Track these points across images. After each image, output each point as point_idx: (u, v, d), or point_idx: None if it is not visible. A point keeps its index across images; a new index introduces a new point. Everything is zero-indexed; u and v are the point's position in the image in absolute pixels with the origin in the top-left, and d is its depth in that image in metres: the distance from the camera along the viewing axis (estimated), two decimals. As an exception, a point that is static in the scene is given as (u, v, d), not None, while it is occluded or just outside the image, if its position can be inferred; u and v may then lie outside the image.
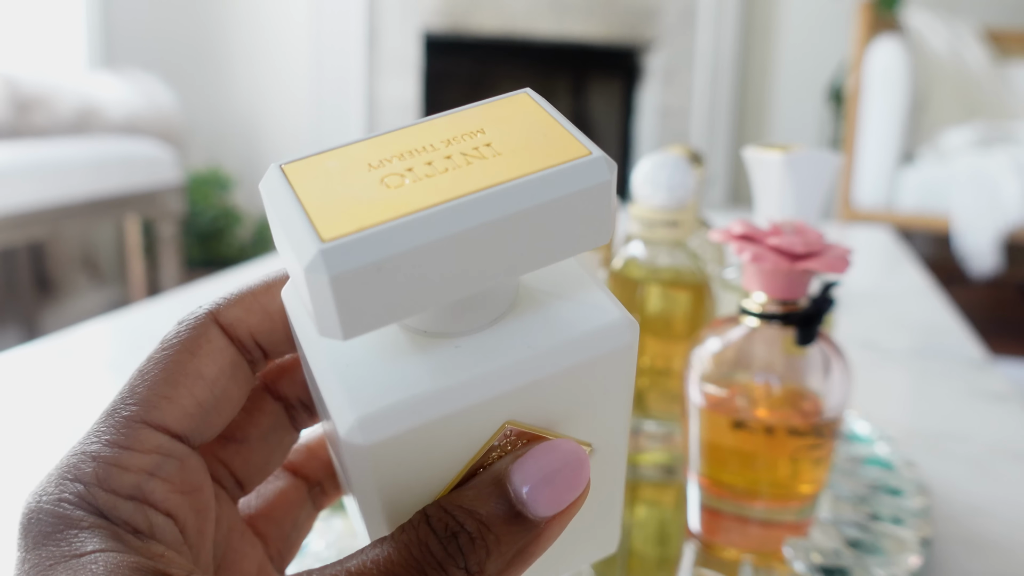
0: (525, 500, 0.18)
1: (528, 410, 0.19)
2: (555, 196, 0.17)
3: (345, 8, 2.76)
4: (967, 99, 2.36)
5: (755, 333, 0.38)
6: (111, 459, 0.19)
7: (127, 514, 0.18)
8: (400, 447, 0.18)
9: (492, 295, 0.19)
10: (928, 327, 0.88)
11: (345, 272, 0.15)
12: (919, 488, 0.47)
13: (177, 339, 0.21)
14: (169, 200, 2.14)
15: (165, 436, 0.20)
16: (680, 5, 2.79)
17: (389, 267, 0.16)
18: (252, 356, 0.22)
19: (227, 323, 0.21)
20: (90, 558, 0.17)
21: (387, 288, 0.16)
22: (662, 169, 0.44)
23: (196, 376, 0.20)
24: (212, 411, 0.20)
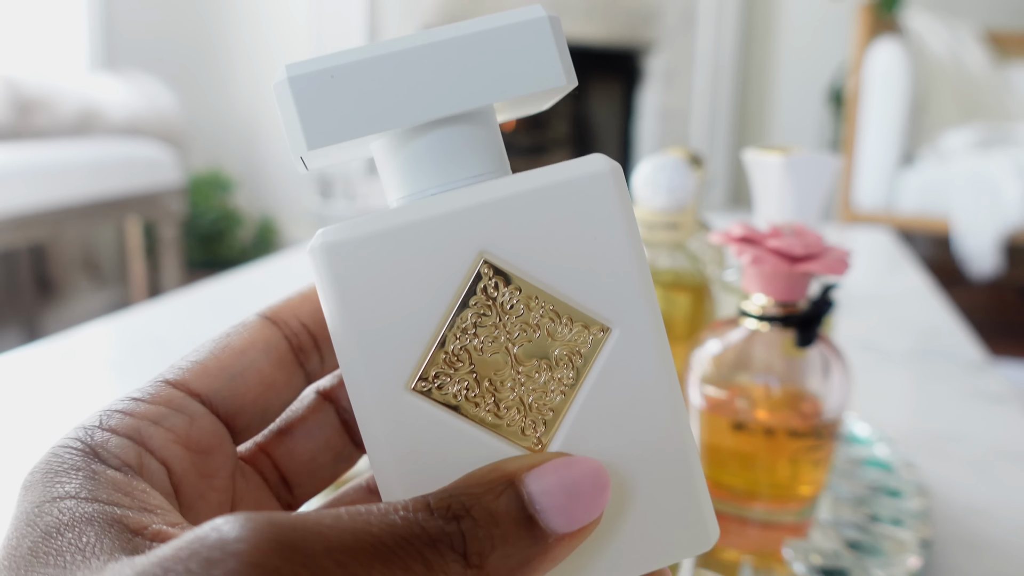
0: (539, 507, 0.17)
1: (505, 242, 0.18)
2: (490, 27, 0.19)
3: (345, 9, 2.76)
4: (967, 101, 2.36)
5: (755, 335, 0.38)
6: (121, 408, 0.19)
7: (117, 448, 0.18)
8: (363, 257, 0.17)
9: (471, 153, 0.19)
10: (928, 329, 0.88)
11: (301, 75, 0.18)
12: (919, 489, 0.47)
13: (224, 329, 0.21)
14: (170, 201, 2.15)
15: (180, 392, 0.20)
16: (680, 7, 2.79)
17: (341, 74, 0.18)
18: (300, 341, 0.22)
19: (271, 311, 0.22)
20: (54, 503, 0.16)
21: (343, 98, 0.18)
22: (662, 171, 0.45)
23: (225, 345, 0.21)
24: (237, 377, 0.20)
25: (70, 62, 2.46)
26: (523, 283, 0.18)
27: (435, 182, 0.19)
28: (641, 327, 0.19)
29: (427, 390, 0.18)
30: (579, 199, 0.18)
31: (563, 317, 0.18)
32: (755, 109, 2.91)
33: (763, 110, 2.91)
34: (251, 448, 0.22)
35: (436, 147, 0.19)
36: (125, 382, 0.66)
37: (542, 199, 0.18)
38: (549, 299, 0.18)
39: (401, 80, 0.18)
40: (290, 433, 0.22)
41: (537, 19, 0.19)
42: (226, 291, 0.94)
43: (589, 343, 0.19)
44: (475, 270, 0.18)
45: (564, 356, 0.19)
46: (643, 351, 0.19)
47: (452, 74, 0.18)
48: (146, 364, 0.69)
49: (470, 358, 0.18)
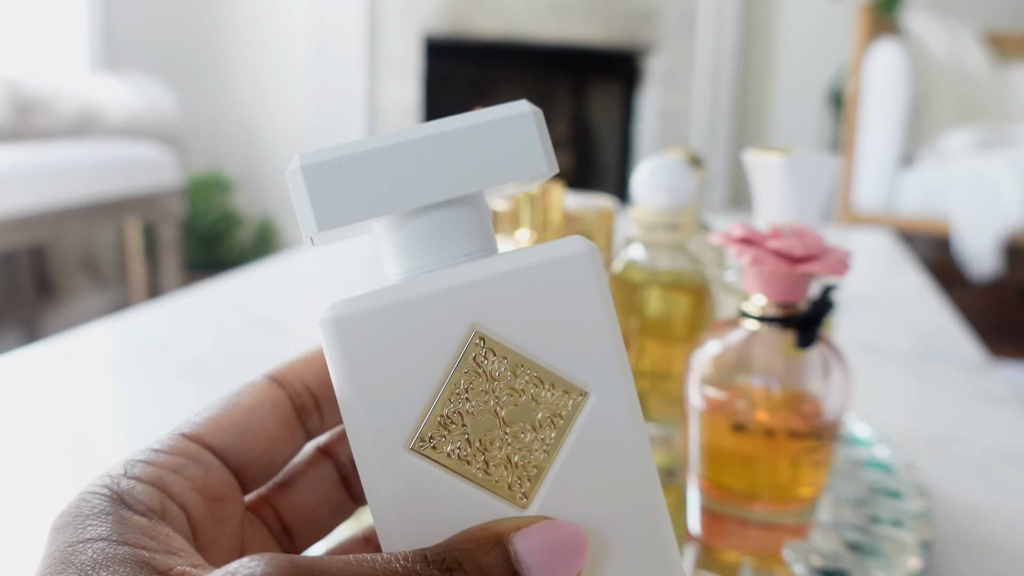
0: (524, 564, 0.19)
1: (494, 315, 0.20)
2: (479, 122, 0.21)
3: (346, 11, 2.76)
4: (967, 102, 2.36)
5: (755, 336, 0.38)
6: (141, 457, 0.21)
7: (142, 495, 0.20)
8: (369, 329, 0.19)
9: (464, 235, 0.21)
10: (928, 330, 0.88)
11: (313, 164, 0.20)
12: (919, 491, 0.47)
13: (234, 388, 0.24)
14: (170, 203, 2.15)
15: (196, 445, 0.22)
16: (680, 8, 2.80)
17: (349, 164, 0.20)
18: (302, 401, 0.24)
19: (277, 372, 0.24)
20: (87, 544, 0.18)
21: (351, 185, 0.20)
22: (662, 172, 0.45)
23: (235, 403, 0.23)
24: (247, 433, 0.23)
25: (70, 63, 2.46)
26: (510, 352, 0.20)
27: (431, 260, 0.21)
28: (615, 392, 0.21)
29: (424, 450, 0.20)
30: (560, 277, 0.21)
31: (546, 383, 0.21)
32: (755, 110, 2.91)
33: (763, 111, 2.91)
34: (256, 499, 0.24)
35: (431, 228, 0.21)
36: (125, 383, 0.66)
37: (527, 277, 0.20)
38: (533, 367, 0.21)
39: (401, 169, 0.20)
40: (292, 486, 0.25)
41: (522, 114, 0.21)
42: (226, 292, 0.94)
43: (569, 407, 0.21)
44: (467, 341, 0.20)
45: (547, 418, 0.21)
46: (617, 414, 0.21)
47: (446, 164, 0.21)
48: (146, 365, 0.69)
49: (463, 420, 0.20)
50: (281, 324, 0.81)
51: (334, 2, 2.76)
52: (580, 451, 0.21)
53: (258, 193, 2.94)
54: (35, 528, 0.44)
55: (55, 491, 0.48)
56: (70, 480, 0.50)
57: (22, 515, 0.46)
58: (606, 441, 0.21)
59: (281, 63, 2.83)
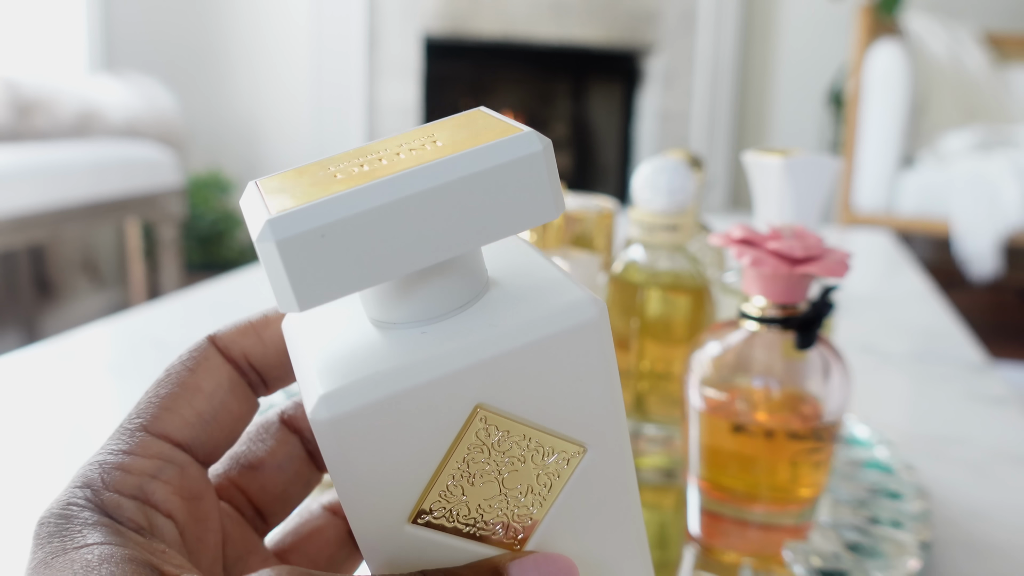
0: None
1: (498, 392, 0.19)
2: (484, 167, 0.18)
3: (345, 11, 2.76)
4: (967, 103, 2.36)
5: (755, 337, 0.38)
6: (116, 464, 0.20)
7: (130, 512, 0.19)
8: (367, 424, 0.18)
9: (455, 283, 0.20)
10: (928, 331, 0.88)
11: (290, 237, 0.17)
12: (918, 492, 0.47)
13: (179, 362, 0.22)
14: (169, 203, 2.15)
15: (167, 444, 0.21)
16: (680, 9, 2.80)
17: (332, 233, 0.17)
18: (249, 378, 0.23)
19: (223, 345, 0.23)
20: (87, 550, 0.18)
21: (335, 256, 0.17)
22: (662, 173, 0.45)
23: (195, 389, 0.22)
24: (212, 422, 0.22)
25: (70, 63, 2.46)
26: (513, 425, 0.19)
27: (422, 314, 0.19)
28: (611, 446, 0.21)
29: (425, 521, 0.20)
30: (569, 348, 0.19)
31: (546, 447, 0.20)
32: (755, 111, 2.91)
33: (763, 112, 2.91)
34: (224, 482, 0.24)
35: (425, 284, 0.19)
36: (124, 384, 0.66)
37: (534, 353, 0.19)
38: (536, 435, 0.20)
39: (394, 232, 0.17)
40: (262, 468, 0.24)
41: (532, 155, 0.18)
42: (225, 293, 0.94)
43: (568, 462, 0.20)
44: (472, 421, 0.19)
45: (545, 477, 0.20)
46: (611, 464, 0.21)
47: (446, 221, 0.18)
48: (145, 366, 0.69)
49: (463, 491, 0.20)
50: (281, 325, 0.81)
51: (334, 2, 2.76)
52: (573, 500, 0.21)
53: (258, 193, 2.94)
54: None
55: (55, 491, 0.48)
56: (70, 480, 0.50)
57: (22, 515, 0.46)
58: (598, 489, 0.21)
59: (281, 63, 2.83)
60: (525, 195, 0.18)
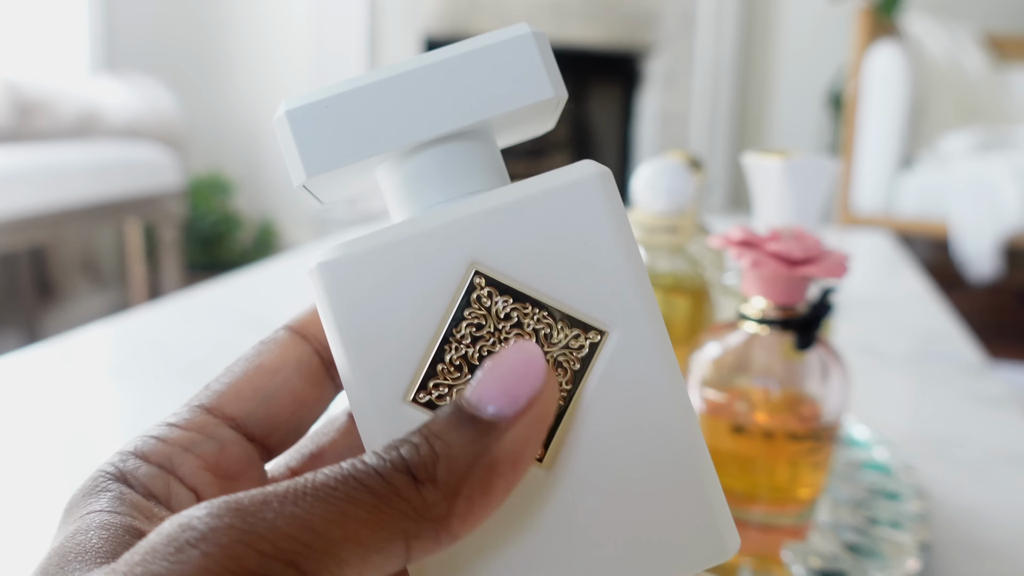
0: (478, 406, 0.16)
1: (495, 250, 0.18)
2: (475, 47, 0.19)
3: (346, 12, 2.76)
4: (966, 104, 2.36)
5: (754, 338, 0.38)
6: (157, 433, 0.20)
7: (146, 477, 0.19)
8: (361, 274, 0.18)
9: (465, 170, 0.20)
10: (927, 332, 0.88)
11: (297, 108, 0.19)
12: (917, 492, 0.47)
13: (251, 347, 0.22)
14: (170, 204, 2.15)
15: (214, 418, 0.20)
16: (680, 10, 2.80)
17: (335, 104, 0.19)
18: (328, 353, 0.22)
19: (299, 326, 0.22)
20: (87, 516, 0.17)
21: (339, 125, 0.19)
22: (661, 175, 0.45)
23: (257, 366, 0.21)
24: (271, 398, 0.21)
25: (71, 65, 2.46)
26: (515, 291, 0.18)
27: (435, 199, 0.20)
28: (640, 329, 0.18)
29: (426, 401, 0.18)
30: (568, 205, 0.18)
31: (559, 323, 0.18)
32: (754, 112, 2.92)
33: (762, 113, 2.91)
34: (284, 472, 0.23)
35: (433, 165, 0.20)
36: (125, 385, 0.66)
37: (530, 207, 0.18)
38: (543, 305, 0.18)
39: (393, 105, 0.19)
40: (322, 458, 0.23)
41: (522, 35, 0.20)
42: (226, 294, 0.94)
43: (587, 347, 0.18)
44: (467, 281, 0.18)
45: (562, 362, 0.18)
46: (645, 353, 0.18)
47: (442, 95, 0.19)
48: (146, 367, 0.69)
49: (467, 367, 0.18)
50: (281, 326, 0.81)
51: (334, 4, 2.76)
52: (603, 397, 0.18)
53: (258, 194, 2.94)
54: (34, 529, 0.44)
55: (54, 492, 0.48)
56: (69, 481, 0.50)
57: (22, 516, 0.46)
58: (632, 384, 0.18)
59: (281, 64, 2.84)
60: (520, 73, 0.19)
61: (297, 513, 0.14)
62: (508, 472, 0.16)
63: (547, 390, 0.17)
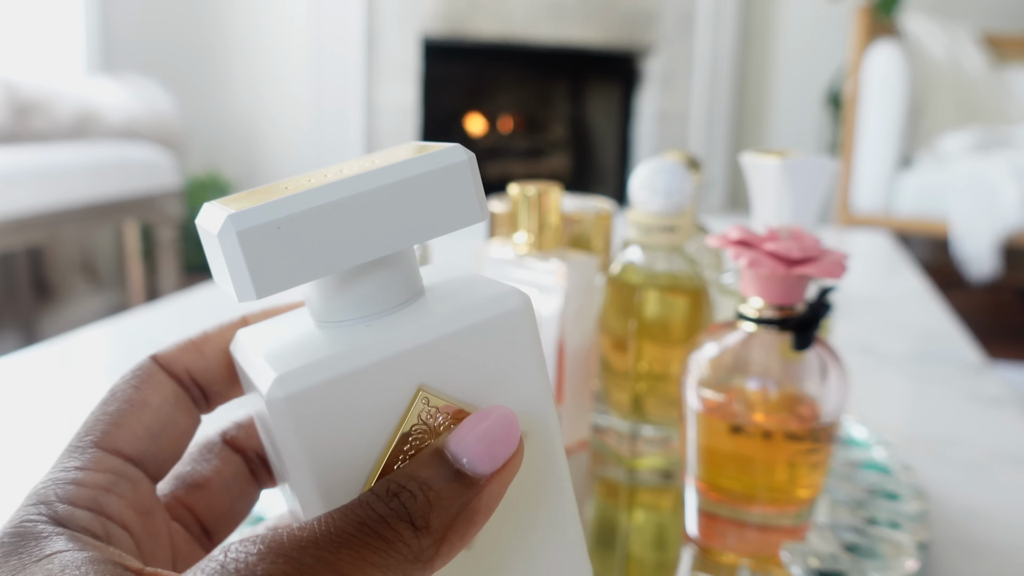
0: (464, 460, 0.19)
1: (437, 375, 0.21)
2: (416, 173, 0.20)
3: (344, 13, 2.76)
4: (965, 104, 2.36)
5: (752, 338, 0.38)
6: (70, 479, 0.20)
7: (85, 521, 0.19)
8: (318, 404, 0.19)
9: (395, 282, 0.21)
10: (926, 331, 0.88)
11: (249, 228, 0.19)
12: (916, 492, 0.47)
13: (123, 381, 0.23)
14: (168, 205, 2.15)
15: (119, 459, 0.21)
16: (678, 10, 2.80)
17: (287, 226, 0.19)
18: (192, 393, 0.24)
19: (165, 362, 0.24)
20: (47, 561, 0.18)
21: (288, 249, 0.19)
22: (659, 174, 0.45)
23: (141, 405, 0.22)
24: (160, 435, 0.22)
25: (68, 65, 2.46)
26: (452, 407, 0.21)
27: (364, 312, 0.21)
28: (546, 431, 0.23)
29: None
30: (499, 334, 0.21)
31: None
32: (753, 112, 2.92)
33: (761, 113, 2.91)
34: (171, 502, 0.24)
35: (364, 282, 0.21)
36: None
37: (469, 336, 0.21)
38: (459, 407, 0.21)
39: (339, 229, 0.20)
40: (208, 488, 0.25)
41: (458, 163, 0.21)
42: (224, 295, 0.94)
43: None
44: (415, 400, 0.21)
45: None
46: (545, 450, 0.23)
47: (384, 220, 0.20)
48: (143, 367, 0.69)
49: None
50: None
51: (332, 4, 2.76)
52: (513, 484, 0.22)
53: (256, 195, 2.94)
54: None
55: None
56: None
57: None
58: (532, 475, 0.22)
59: (279, 65, 2.83)
60: (454, 199, 0.21)
61: (330, 559, 0.17)
62: (481, 520, 0.19)
63: (519, 453, 0.20)
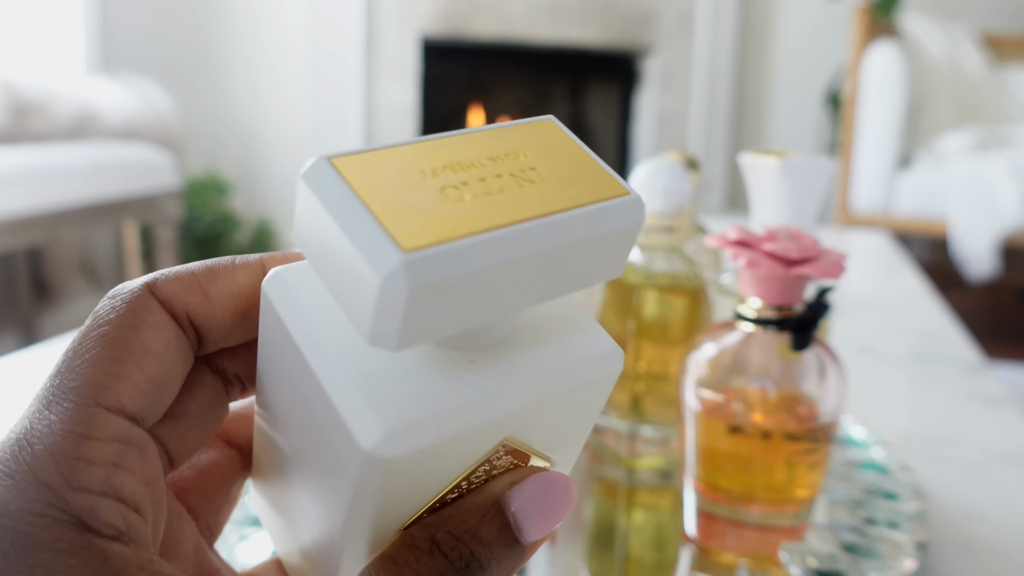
0: (521, 526, 0.19)
1: (526, 428, 0.20)
2: (602, 231, 0.18)
3: (343, 13, 2.76)
4: (964, 103, 2.36)
5: (751, 338, 0.38)
6: (73, 452, 0.16)
7: (107, 516, 0.16)
8: (416, 460, 0.18)
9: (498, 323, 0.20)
10: (925, 331, 0.88)
11: (425, 284, 0.15)
12: (915, 492, 0.47)
13: (115, 313, 0.18)
14: (167, 205, 2.15)
15: (123, 420, 0.18)
16: (677, 10, 2.80)
17: (459, 283, 0.16)
18: (188, 336, 0.20)
19: (164, 297, 0.19)
20: None
21: (449, 303, 0.16)
22: (658, 175, 0.45)
23: (143, 351, 0.18)
24: (163, 387, 0.19)
25: (67, 65, 2.46)
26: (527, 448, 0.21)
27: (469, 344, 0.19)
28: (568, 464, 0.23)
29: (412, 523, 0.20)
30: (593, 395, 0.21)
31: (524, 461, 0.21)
32: (752, 112, 2.92)
33: (760, 113, 2.91)
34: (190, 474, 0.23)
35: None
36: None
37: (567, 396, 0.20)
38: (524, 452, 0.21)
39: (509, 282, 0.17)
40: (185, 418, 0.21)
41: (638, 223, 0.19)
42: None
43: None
44: (495, 449, 0.20)
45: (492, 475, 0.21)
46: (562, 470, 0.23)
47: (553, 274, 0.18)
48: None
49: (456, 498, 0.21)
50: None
51: (332, 4, 2.76)
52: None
53: (256, 195, 2.94)
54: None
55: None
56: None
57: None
58: None
59: (279, 65, 2.83)
60: (615, 255, 0.19)
61: None
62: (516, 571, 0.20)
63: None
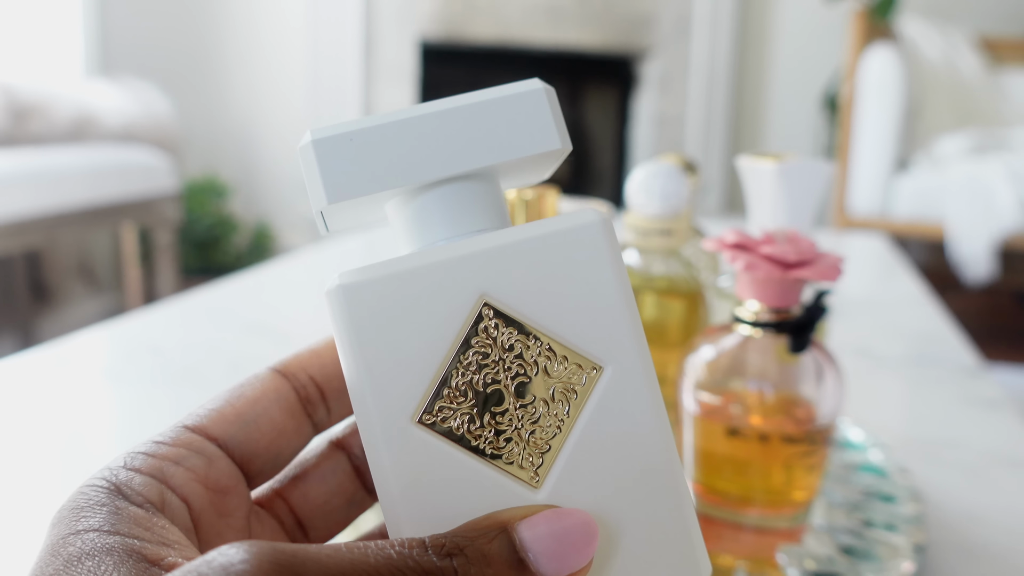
0: (531, 552, 0.18)
1: (503, 285, 0.20)
2: (490, 98, 0.21)
3: (342, 16, 2.76)
4: (961, 107, 2.37)
5: (748, 341, 0.38)
6: (145, 450, 0.20)
7: (140, 486, 0.19)
8: (376, 297, 0.19)
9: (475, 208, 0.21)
10: (922, 334, 0.89)
11: (324, 138, 0.20)
12: (912, 495, 0.47)
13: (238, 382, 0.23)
14: (165, 208, 2.14)
15: (199, 436, 0.21)
16: (675, 13, 2.80)
17: (358, 138, 0.20)
18: (308, 392, 0.23)
19: (281, 364, 0.24)
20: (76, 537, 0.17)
21: (360, 160, 0.20)
22: (656, 178, 0.45)
23: (239, 395, 0.23)
24: (251, 423, 0.22)
25: (66, 68, 2.46)
26: (520, 324, 0.20)
27: (442, 235, 0.21)
28: (631, 367, 0.20)
29: (431, 423, 0.19)
30: (572, 248, 0.20)
31: (558, 356, 0.20)
32: (750, 115, 2.92)
33: (758, 116, 2.92)
34: (267, 493, 0.24)
35: (442, 203, 0.21)
36: (120, 389, 0.66)
37: (538, 247, 0.20)
38: (544, 339, 0.20)
39: (411, 143, 0.20)
40: (304, 478, 0.24)
41: (535, 90, 0.21)
42: (221, 297, 0.94)
43: (583, 381, 0.20)
44: (477, 311, 0.20)
45: (560, 392, 0.20)
46: (634, 389, 0.20)
47: (457, 138, 0.21)
48: (141, 371, 0.69)
49: (471, 393, 0.20)
50: (277, 330, 0.81)
51: (330, 7, 2.76)
52: (595, 428, 0.20)
53: (254, 198, 2.94)
54: (31, 534, 0.44)
55: (50, 497, 0.48)
56: (65, 486, 0.50)
57: (18, 521, 0.46)
58: (622, 418, 0.20)
59: (277, 68, 2.83)
60: (530, 124, 0.21)
61: None
62: None
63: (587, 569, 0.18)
